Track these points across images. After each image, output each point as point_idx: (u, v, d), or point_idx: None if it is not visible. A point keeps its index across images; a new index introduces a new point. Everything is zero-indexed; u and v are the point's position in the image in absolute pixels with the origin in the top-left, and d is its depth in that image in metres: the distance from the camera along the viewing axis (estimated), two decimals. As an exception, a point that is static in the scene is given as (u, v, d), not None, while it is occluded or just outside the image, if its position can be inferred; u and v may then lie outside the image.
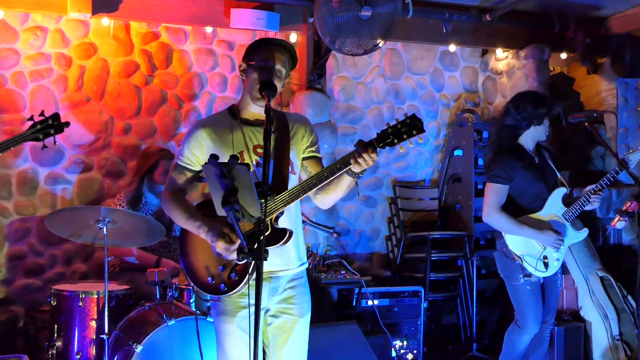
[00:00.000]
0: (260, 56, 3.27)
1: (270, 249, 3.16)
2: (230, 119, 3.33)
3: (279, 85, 3.22)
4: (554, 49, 7.38)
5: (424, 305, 6.31)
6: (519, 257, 4.67)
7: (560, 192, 4.74)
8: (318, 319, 5.85)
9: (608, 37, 7.29)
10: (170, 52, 6.47)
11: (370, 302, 6.06)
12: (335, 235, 6.42)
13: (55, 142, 3.85)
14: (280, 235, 3.09)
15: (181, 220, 3.28)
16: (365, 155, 2.96)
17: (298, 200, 3.14)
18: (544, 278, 4.70)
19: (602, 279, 6.32)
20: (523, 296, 4.72)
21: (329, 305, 6.18)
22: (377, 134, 3.00)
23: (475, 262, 6.45)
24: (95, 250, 6.10)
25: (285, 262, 3.33)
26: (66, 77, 6.08)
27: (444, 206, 7.33)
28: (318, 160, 3.44)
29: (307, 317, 3.41)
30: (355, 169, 3.04)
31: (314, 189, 3.11)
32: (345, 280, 6.07)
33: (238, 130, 3.27)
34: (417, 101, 7.57)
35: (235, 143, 3.24)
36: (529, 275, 4.64)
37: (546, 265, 4.64)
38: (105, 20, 5.92)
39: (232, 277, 3.15)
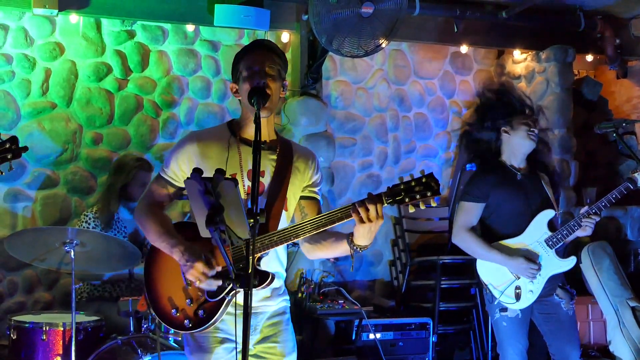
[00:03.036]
0: (244, 65, 3.28)
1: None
2: (228, 135, 3.31)
3: (274, 86, 3.23)
4: (578, 50, 7.44)
5: (432, 339, 6.32)
6: (485, 284, 4.74)
7: (547, 214, 4.73)
8: (313, 354, 5.86)
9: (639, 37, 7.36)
10: (147, 53, 6.51)
11: (372, 336, 6.07)
12: (332, 260, 6.43)
13: (11, 168, 3.89)
14: (261, 278, 3.08)
15: (154, 236, 3.25)
16: (370, 207, 2.93)
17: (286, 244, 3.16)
18: (521, 311, 4.73)
19: (633, 309, 6.35)
20: (500, 332, 4.80)
21: (326, 339, 6.19)
22: (388, 188, 3.00)
23: (490, 290, 6.46)
24: (61, 276, 6.10)
25: (265, 297, 3.32)
26: (29, 80, 6.12)
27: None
28: (316, 202, 3.43)
29: (293, 357, 3.40)
30: (359, 241, 3.04)
31: (307, 236, 3.13)
32: (344, 310, 6.08)
33: (234, 150, 3.26)
34: (425, 108, 7.62)
35: (229, 164, 3.23)
36: (505, 309, 4.69)
37: (518, 296, 4.67)
38: (74, 17, 5.96)
39: (200, 315, 3.13)
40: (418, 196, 2.96)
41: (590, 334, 6.49)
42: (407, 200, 2.97)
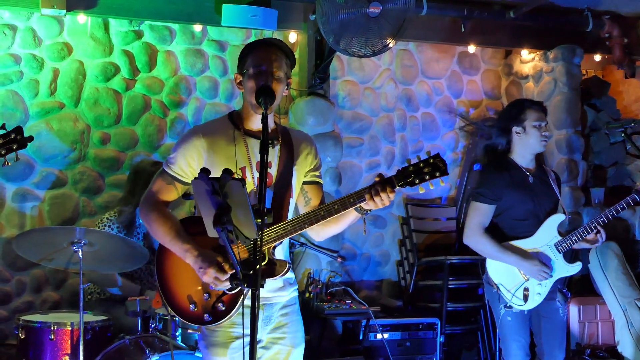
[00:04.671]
0: (252, 61, 3.29)
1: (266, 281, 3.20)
2: (232, 127, 3.33)
3: (278, 88, 3.24)
4: (586, 50, 7.41)
5: (440, 339, 6.31)
6: (496, 285, 4.75)
7: (557, 218, 4.76)
8: (320, 354, 5.86)
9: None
10: (155, 54, 6.52)
11: (379, 336, 6.07)
12: (339, 260, 6.43)
13: (17, 158, 3.91)
14: (278, 267, 3.14)
15: (165, 238, 3.25)
16: (383, 195, 3.03)
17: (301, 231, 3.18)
18: (528, 309, 4.74)
19: (642, 310, 6.34)
20: (503, 328, 4.81)
21: (333, 339, 6.18)
22: (398, 170, 3.08)
23: (498, 290, 6.45)
24: (69, 276, 6.11)
25: (278, 287, 3.36)
26: (37, 80, 6.13)
27: (462, 227, 7.34)
28: (319, 186, 3.48)
29: (301, 348, 3.44)
30: (367, 205, 3.10)
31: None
32: (351, 310, 6.08)
33: (241, 143, 3.28)
34: (432, 108, 7.61)
35: (237, 157, 3.25)
36: (509, 306, 4.70)
37: (526, 297, 4.68)
38: (82, 18, 5.97)
39: (219, 308, 3.17)
40: (427, 177, 3.07)
41: (599, 335, 6.46)
42: (417, 182, 3.07)
